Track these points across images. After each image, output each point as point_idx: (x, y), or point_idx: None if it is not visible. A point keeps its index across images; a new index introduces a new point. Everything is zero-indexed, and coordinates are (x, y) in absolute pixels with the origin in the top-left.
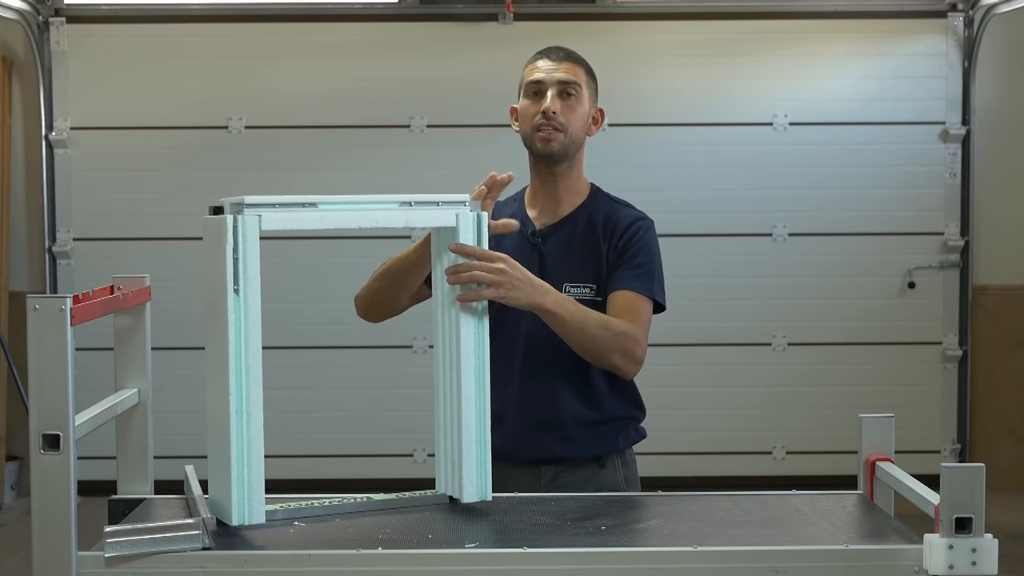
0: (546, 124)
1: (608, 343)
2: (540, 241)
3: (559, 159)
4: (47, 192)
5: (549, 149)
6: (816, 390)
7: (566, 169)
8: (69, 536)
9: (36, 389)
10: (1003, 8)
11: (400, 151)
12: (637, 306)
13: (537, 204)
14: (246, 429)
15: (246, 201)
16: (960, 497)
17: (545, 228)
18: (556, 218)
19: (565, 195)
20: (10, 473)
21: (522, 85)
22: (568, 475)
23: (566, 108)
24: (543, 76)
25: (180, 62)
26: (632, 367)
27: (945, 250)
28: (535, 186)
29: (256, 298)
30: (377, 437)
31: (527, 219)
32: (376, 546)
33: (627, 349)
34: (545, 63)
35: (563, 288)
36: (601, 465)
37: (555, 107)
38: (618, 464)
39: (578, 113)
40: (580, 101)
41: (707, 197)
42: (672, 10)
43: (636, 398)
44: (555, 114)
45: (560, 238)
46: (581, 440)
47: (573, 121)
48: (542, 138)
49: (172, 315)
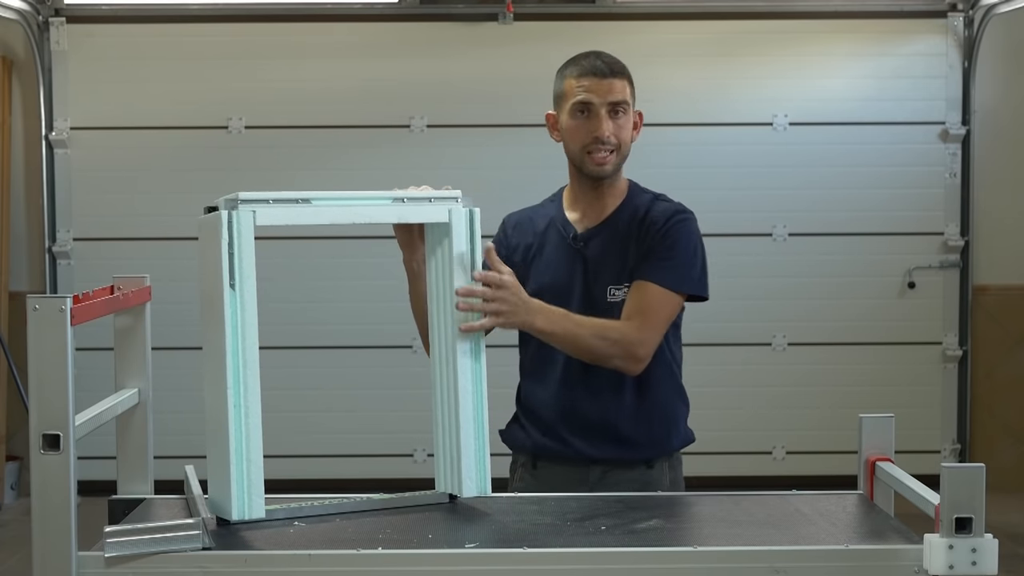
0: (600, 148)
1: (606, 351)
2: (583, 245)
3: (611, 177)
4: (47, 192)
5: (604, 172)
6: (816, 390)
7: (612, 179)
8: (69, 536)
9: (36, 389)
10: (1003, 8)
11: (400, 151)
12: (653, 301)
13: (579, 208)
14: (244, 424)
15: (241, 197)
16: (960, 497)
17: (587, 231)
18: (598, 221)
19: (608, 199)
20: (10, 473)
21: (564, 98)
22: (616, 474)
23: (617, 128)
24: (594, 98)
25: (180, 62)
26: (634, 366)
27: (945, 250)
28: (576, 192)
29: (252, 293)
30: (377, 437)
31: (567, 223)
32: (376, 546)
33: (628, 354)
34: (592, 81)
35: (607, 291)
36: (649, 466)
37: (610, 131)
38: (666, 467)
39: (627, 129)
40: (628, 117)
41: (707, 197)
42: (672, 10)
43: (681, 392)
44: (609, 138)
45: (601, 240)
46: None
47: (624, 138)
48: (597, 161)
49: (172, 315)
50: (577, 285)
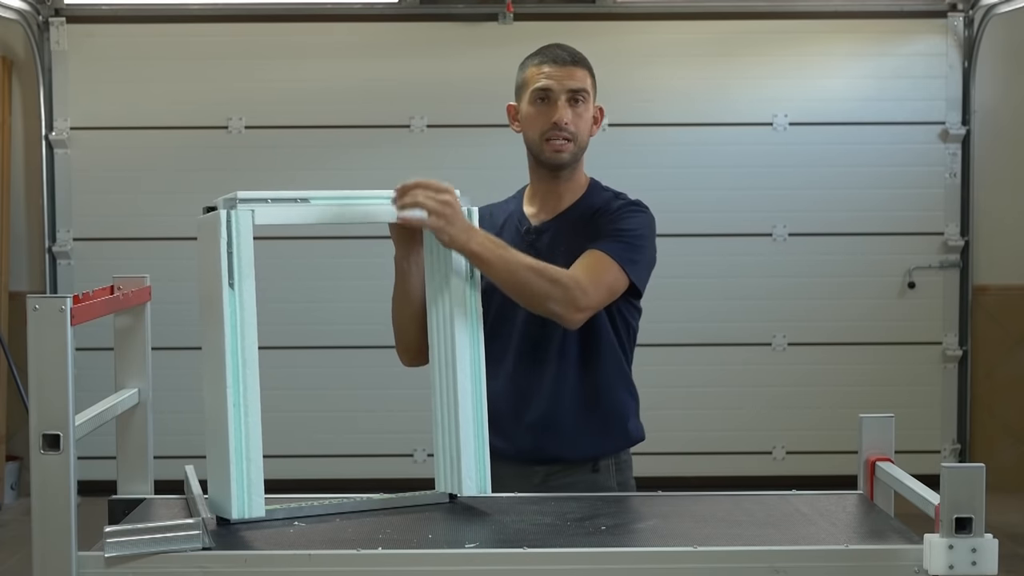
0: (557, 135)
1: (545, 291)
2: (535, 238)
3: (567, 167)
4: (47, 192)
5: (560, 160)
6: (816, 390)
7: (569, 172)
8: (69, 536)
9: (36, 389)
10: (1003, 8)
11: (400, 151)
12: (598, 264)
13: (536, 202)
14: (244, 423)
15: (239, 196)
16: (960, 497)
17: (540, 224)
18: (553, 214)
19: (566, 193)
20: (10, 473)
21: (525, 87)
22: (560, 477)
23: (576, 116)
24: (553, 84)
25: (180, 62)
26: (573, 314)
27: (945, 250)
28: (535, 185)
29: (251, 292)
30: (377, 437)
31: (523, 216)
32: (376, 546)
33: (570, 299)
34: (552, 68)
35: None
36: (595, 469)
37: (567, 118)
38: (612, 469)
39: (585, 119)
40: (587, 107)
41: (707, 197)
42: (672, 10)
43: (632, 390)
44: (567, 124)
45: (553, 232)
46: (576, 440)
47: (582, 128)
48: (553, 148)
49: (172, 315)
50: None
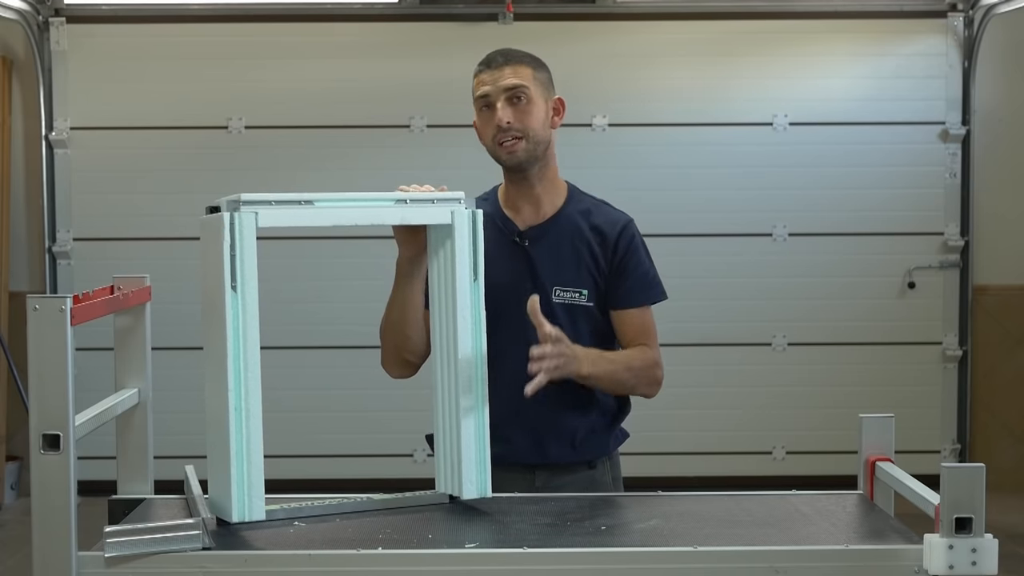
0: (504, 136)
1: (635, 382)
2: (527, 244)
3: (528, 165)
4: (47, 192)
5: (516, 159)
6: (816, 390)
7: (540, 170)
8: (69, 536)
9: (36, 389)
10: (1003, 8)
11: (400, 151)
12: (647, 323)
13: (515, 206)
14: (245, 425)
15: (242, 198)
16: (960, 497)
17: (530, 229)
18: (539, 219)
19: (544, 196)
20: (10, 473)
21: (473, 98)
22: (561, 477)
23: (519, 114)
24: (488, 89)
25: (180, 62)
26: (655, 390)
27: (945, 250)
28: (510, 191)
29: (254, 295)
30: (377, 437)
31: (506, 219)
32: (376, 546)
33: (652, 378)
34: (487, 74)
35: (552, 291)
36: (592, 467)
37: (507, 117)
38: (607, 465)
39: (533, 114)
40: (532, 101)
41: (707, 197)
42: (672, 10)
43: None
44: (509, 124)
45: (547, 240)
46: (577, 444)
47: (531, 123)
48: (506, 150)
49: (172, 315)
50: (525, 284)
